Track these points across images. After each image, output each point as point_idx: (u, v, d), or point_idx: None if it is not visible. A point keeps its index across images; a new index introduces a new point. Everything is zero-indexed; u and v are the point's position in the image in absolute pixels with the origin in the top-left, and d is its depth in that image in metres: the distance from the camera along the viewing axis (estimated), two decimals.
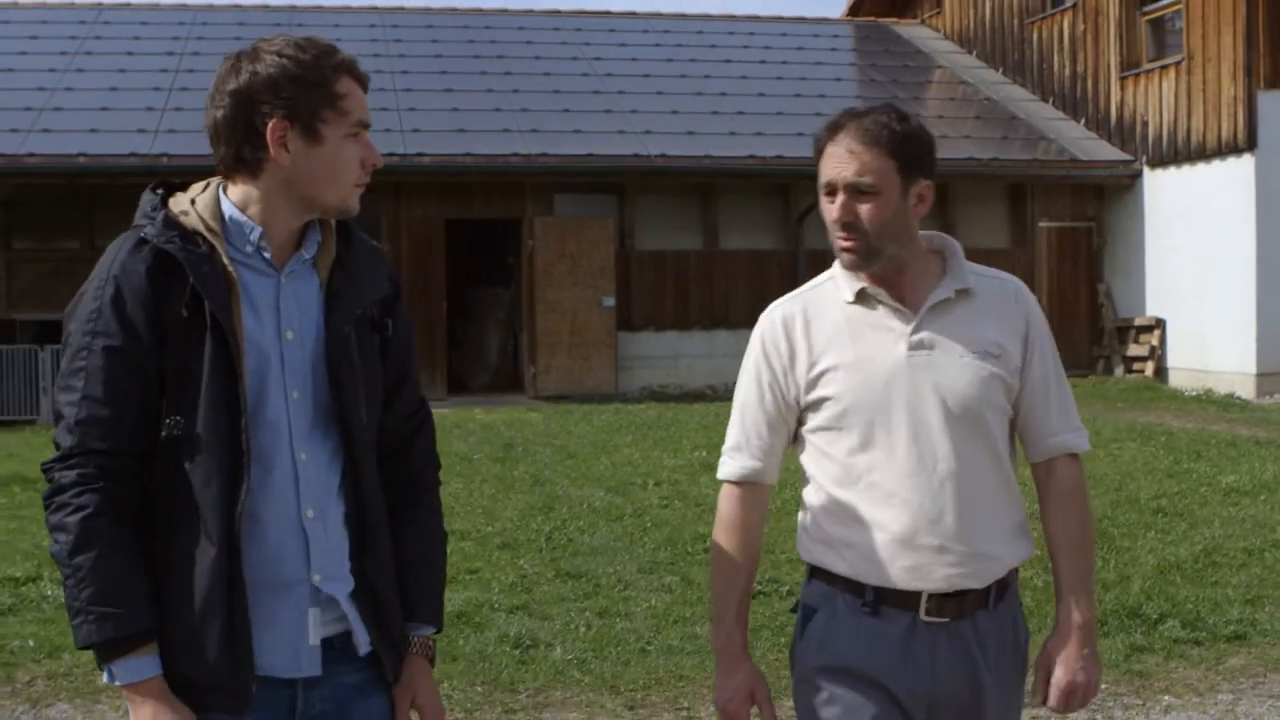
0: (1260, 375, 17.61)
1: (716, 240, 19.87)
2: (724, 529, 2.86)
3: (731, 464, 2.86)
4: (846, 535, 2.72)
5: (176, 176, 2.64)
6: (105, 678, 2.35)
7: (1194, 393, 18.02)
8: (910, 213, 2.71)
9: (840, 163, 2.67)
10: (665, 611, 6.92)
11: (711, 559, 2.91)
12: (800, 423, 2.81)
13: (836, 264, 2.81)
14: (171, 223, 2.39)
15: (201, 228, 2.39)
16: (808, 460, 2.82)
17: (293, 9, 24.35)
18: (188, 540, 2.33)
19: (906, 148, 2.68)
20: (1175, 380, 19.06)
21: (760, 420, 2.83)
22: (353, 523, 2.47)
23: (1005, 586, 2.76)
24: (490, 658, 6.10)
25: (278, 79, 2.37)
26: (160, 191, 2.46)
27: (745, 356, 2.88)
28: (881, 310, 2.74)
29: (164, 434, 2.33)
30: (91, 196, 17.96)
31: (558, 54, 22.88)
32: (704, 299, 19.56)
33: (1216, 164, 18.29)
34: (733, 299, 19.34)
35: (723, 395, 15.89)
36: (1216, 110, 18.24)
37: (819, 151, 2.73)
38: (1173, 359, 19.36)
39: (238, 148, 2.39)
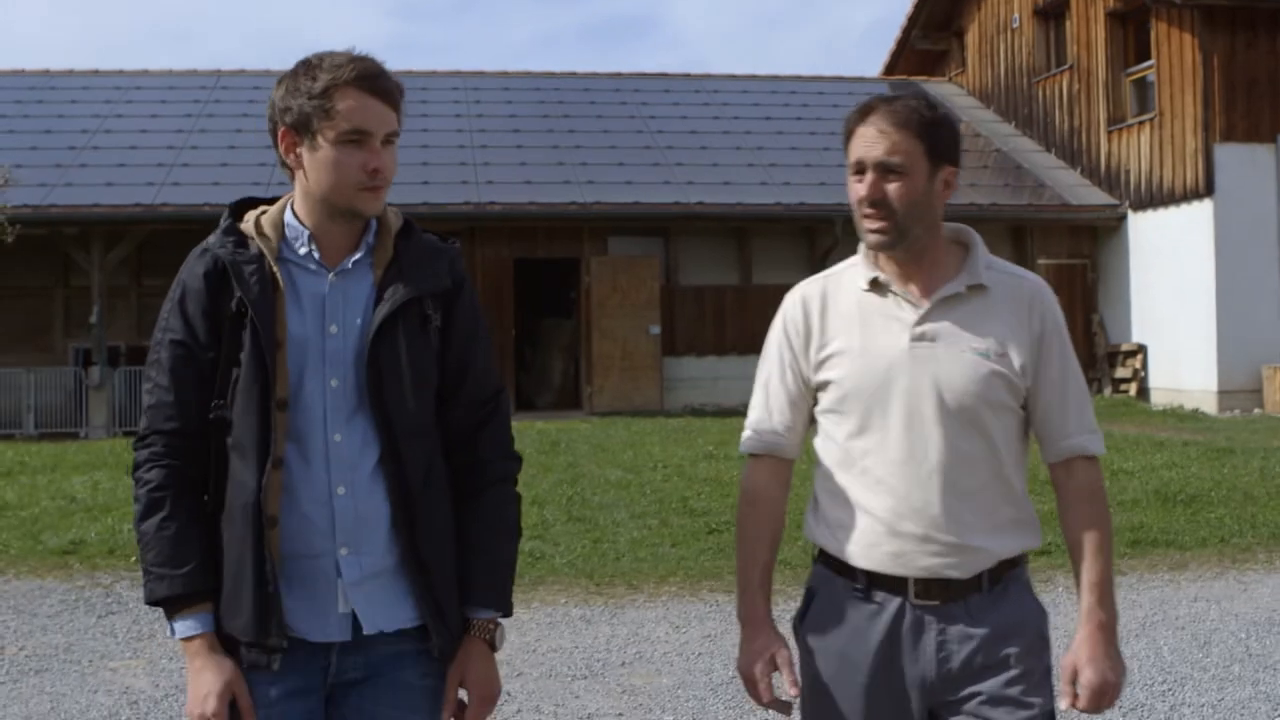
0: (1221, 392, 19.87)
1: (750, 276, 22.42)
2: (746, 501, 2.87)
3: (753, 437, 2.87)
4: (841, 517, 2.75)
5: None
6: (167, 630, 2.52)
7: (1165, 408, 20.30)
8: (936, 197, 2.71)
9: (870, 142, 2.67)
10: (642, 539, 9.74)
11: (736, 531, 2.90)
12: (814, 403, 2.83)
13: (860, 250, 2.81)
14: (231, 231, 2.57)
15: (254, 234, 2.57)
16: (817, 441, 2.85)
17: None
18: (229, 511, 2.50)
19: (934, 132, 2.68)
20: (1155, 399, 21.28)
21: (781, 396, 2.84)
22: (394, 501, 2.52)
23: (1000, 572, 2.71)
24: None
25: (285, 94, 2.55)
26: (231, 206, 2.66)
27: (769, 334, 2.92)
28: (892, 299, 2.74)
29: (210, 415, 2.51)
30: None
31: (616, 113, 25.51)
32: (739, 328, 21.94)
33: (1184, 208, 20.62)
34: (764, 328, 20.95)
35: None
36: (1182, 161, 20.58)
37: (849, 134, 2.73)
38: (1153, 380, 21.57)
39: (278, 157, 2.60)
